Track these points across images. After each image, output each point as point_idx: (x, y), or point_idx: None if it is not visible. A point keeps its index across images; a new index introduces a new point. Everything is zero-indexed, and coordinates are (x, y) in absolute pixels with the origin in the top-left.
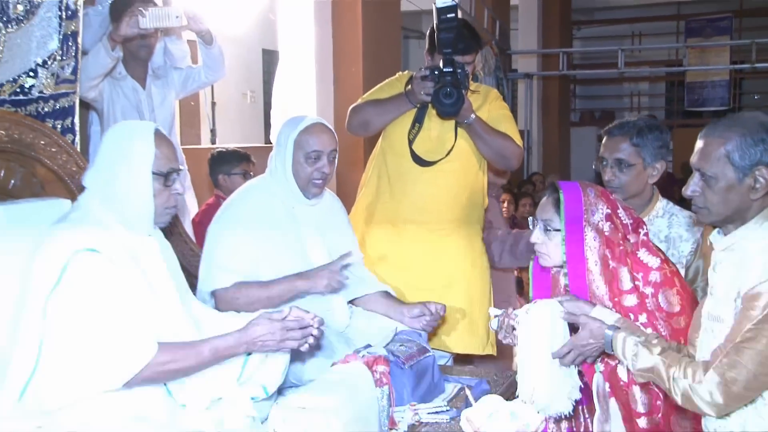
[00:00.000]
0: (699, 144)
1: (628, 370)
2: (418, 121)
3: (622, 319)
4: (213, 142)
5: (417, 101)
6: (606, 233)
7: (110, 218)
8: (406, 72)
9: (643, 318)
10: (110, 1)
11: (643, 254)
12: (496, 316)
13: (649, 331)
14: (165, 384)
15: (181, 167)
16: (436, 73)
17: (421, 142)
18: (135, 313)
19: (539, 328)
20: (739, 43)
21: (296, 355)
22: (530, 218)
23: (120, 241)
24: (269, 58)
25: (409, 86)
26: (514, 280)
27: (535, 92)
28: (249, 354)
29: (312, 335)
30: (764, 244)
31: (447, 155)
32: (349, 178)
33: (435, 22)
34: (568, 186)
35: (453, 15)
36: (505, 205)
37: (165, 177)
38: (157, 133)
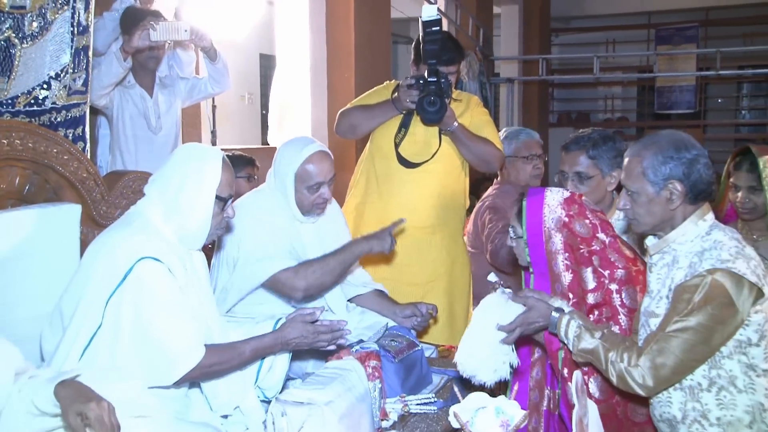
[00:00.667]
0: (624, 162)
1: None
2: (404, 126)
3: (574, 310)
4: (213, 143)
5: (403, 108)
6: (563, 239)
7: (168, 230)
8: (393, 81)
9: (606, 312)
10: (123, 12)
11: (610, 253)
12: (491, 281)
13: (612, 325)
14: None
15: (233, 194)
16: (421, 82)
17: (406, 145)
18: (187, 319)
19: (487, 308)
20: (705, 51)
21: (295, 352)
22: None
23: (176, 253)
24: (266, 63)
25: (396, 94)
26: None
27: (517, 96)
28: (262, 361)
29: (341, 337)
30: (691, 246)
31: (432, 158)
32: (340, 179)
33: (420, 34)
34: (533, 194)
35: (438, 28)
36: None
37: (224, 202)
38: (224, 161)
